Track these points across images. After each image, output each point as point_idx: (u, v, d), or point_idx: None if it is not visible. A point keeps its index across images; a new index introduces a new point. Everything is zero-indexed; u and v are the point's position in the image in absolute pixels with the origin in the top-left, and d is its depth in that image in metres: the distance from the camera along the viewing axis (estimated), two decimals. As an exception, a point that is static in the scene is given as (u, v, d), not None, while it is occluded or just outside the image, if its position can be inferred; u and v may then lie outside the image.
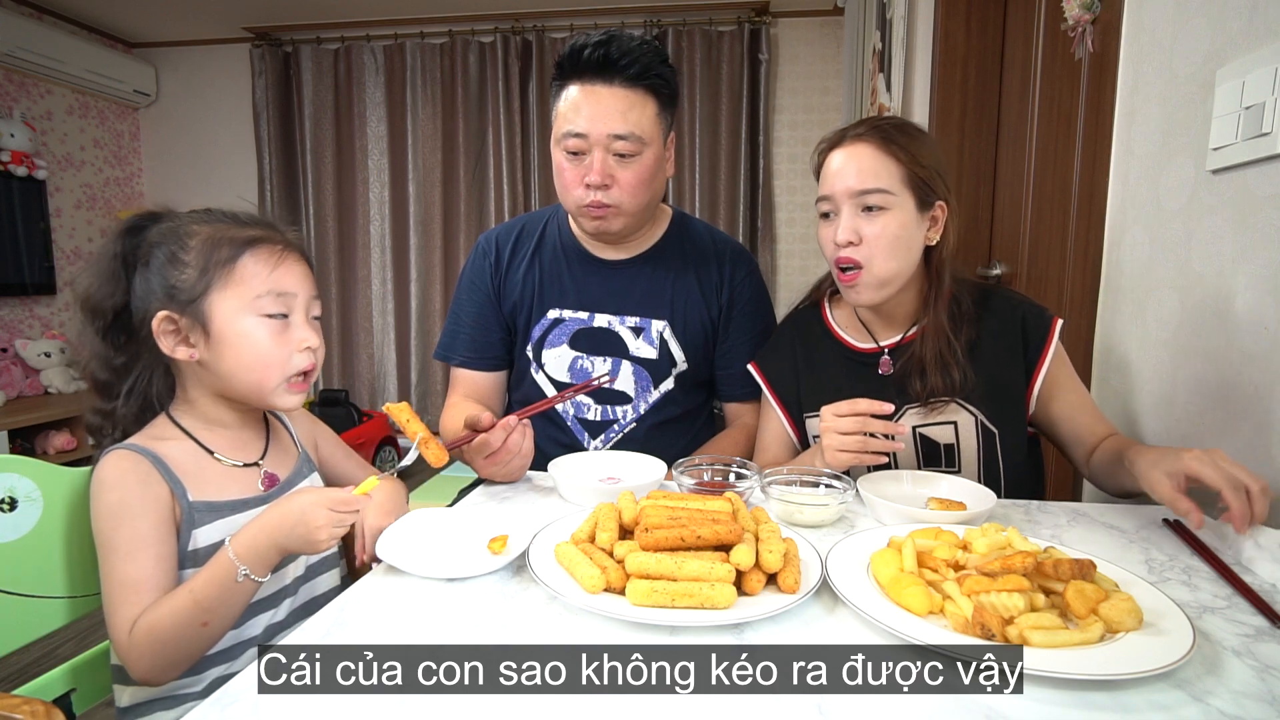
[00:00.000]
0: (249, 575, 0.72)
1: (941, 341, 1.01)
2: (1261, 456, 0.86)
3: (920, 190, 0.99)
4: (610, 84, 1.10)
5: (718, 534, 0.66)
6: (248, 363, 0.79)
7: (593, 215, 1.15)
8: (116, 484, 0.75)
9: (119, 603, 0.73)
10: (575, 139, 1.11)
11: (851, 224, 0.98)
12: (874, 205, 0.97)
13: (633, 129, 1.10)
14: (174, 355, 0.80)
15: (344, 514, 0.72)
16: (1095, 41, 1.30)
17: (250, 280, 0.79)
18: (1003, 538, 0.69)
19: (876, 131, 0.99)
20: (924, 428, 1.05)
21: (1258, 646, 0.57)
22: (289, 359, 0.81)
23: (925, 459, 1.06)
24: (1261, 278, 0.85)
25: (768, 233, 4.04)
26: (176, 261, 0.78)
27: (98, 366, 0.83)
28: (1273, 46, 0.83)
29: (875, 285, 0.99)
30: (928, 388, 1.01)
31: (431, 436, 0.87)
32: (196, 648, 0.74)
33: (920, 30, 2.20)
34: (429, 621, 0.62)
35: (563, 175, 1.15)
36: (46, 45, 3.67)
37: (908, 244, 0.99)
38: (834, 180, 1.00)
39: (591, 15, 3.96)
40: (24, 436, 3.33)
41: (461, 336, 1.31)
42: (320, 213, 4.31)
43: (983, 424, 1.03)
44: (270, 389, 0.81)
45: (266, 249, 0.81)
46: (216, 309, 0.78)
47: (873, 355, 1.09)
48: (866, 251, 0.98)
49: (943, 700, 0.50)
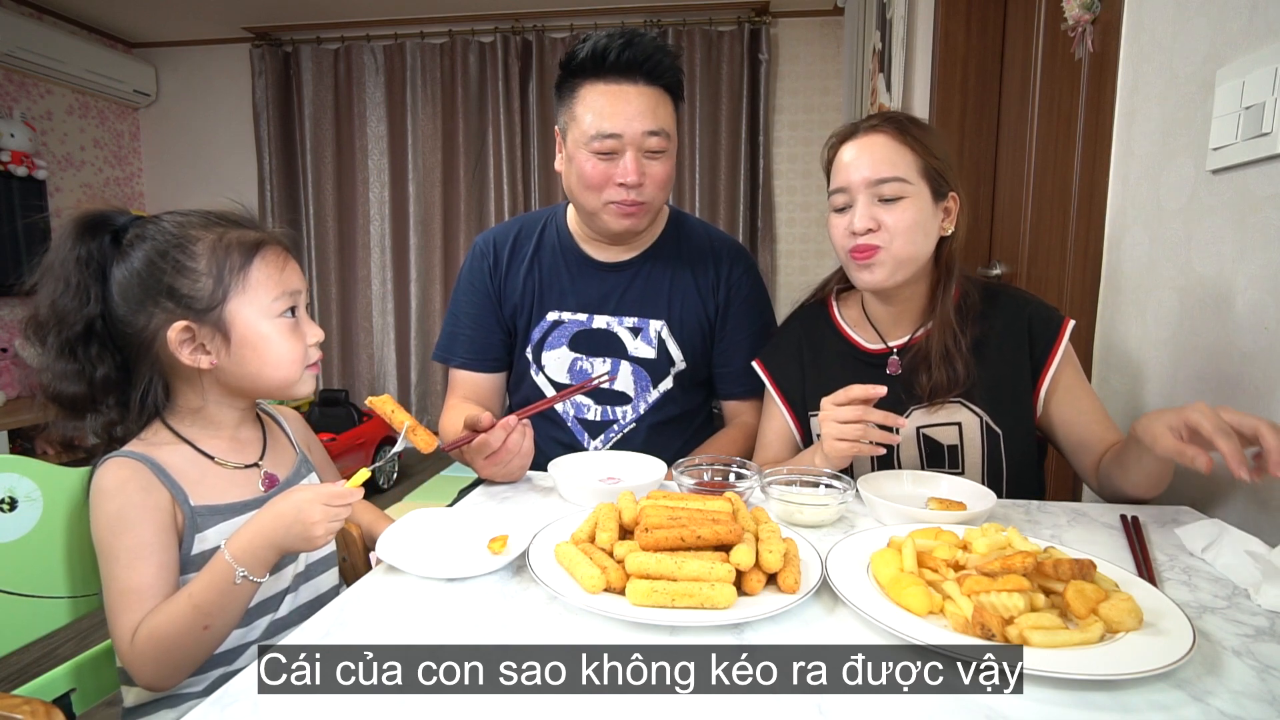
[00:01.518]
0: (247, 577, 0.72)
1: (948, 335, 1.00)
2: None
3: (935, 180, 0.98)
4: (636, 83, 1.10)
5: (718, 534, 0.66)
6: (273, 363, 0.82)
7: (625, 213, 1.15)
8: (116, 492, 0.75)
9: (121, 610, 0.73)
10: (610, 140, 1.10)
11: (869, 212, 0.97)
12: (890, 196, 0.97)
13: (663, 125, 1.11)
14: (195, 364, 0.79)
15: (338, 508, 0.73)
16: (1095, 41, 1.30)
17: (265, 284, 0.81)
18: (1003, 538, 0.68)
19: (891, 122, 0.99)
20: (928, 428, 1.04)
21: (1258, 646, 0.57)
22: (304, 353, 0.85)
23: (929, 460, 1.05)
24: (1261, 277, 0.85)
25: (768, 233, 4.04)
26: (185, 270, 0.77)
27: (64, 382, 0.78)
28: (1273, 46, 0.83)
29: (892, 265, 0.98)
30: (932, 382, 1.01)
31: (418, 424, 0.89)
32: (199, 652, 0.74)
33: (920, 30, 2.20)
34: (429, 621, 0.62)
35: (589, 175, 1.13)
36: (46, 45, 3.67)
37: (925, 230, 0.98)
38: (849, 171, 0.99)
39: (591, 15, 3.96)
40: (24, 436, 3.33)
41: (460, 338, 1.31)
42: (320, 213, 4.31)
43: (987, 425, 1.02)
44: (293, 382, 0.85)
45: (272, 251, 0.83)
46: (238, 316, 0.79)
47: (881, 356, 1.08)
48: (886, 236, 0.97)
49: (943, 700, 0.50)
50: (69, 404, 0.80)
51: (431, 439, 0.90)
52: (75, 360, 0.79)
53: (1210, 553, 0.75)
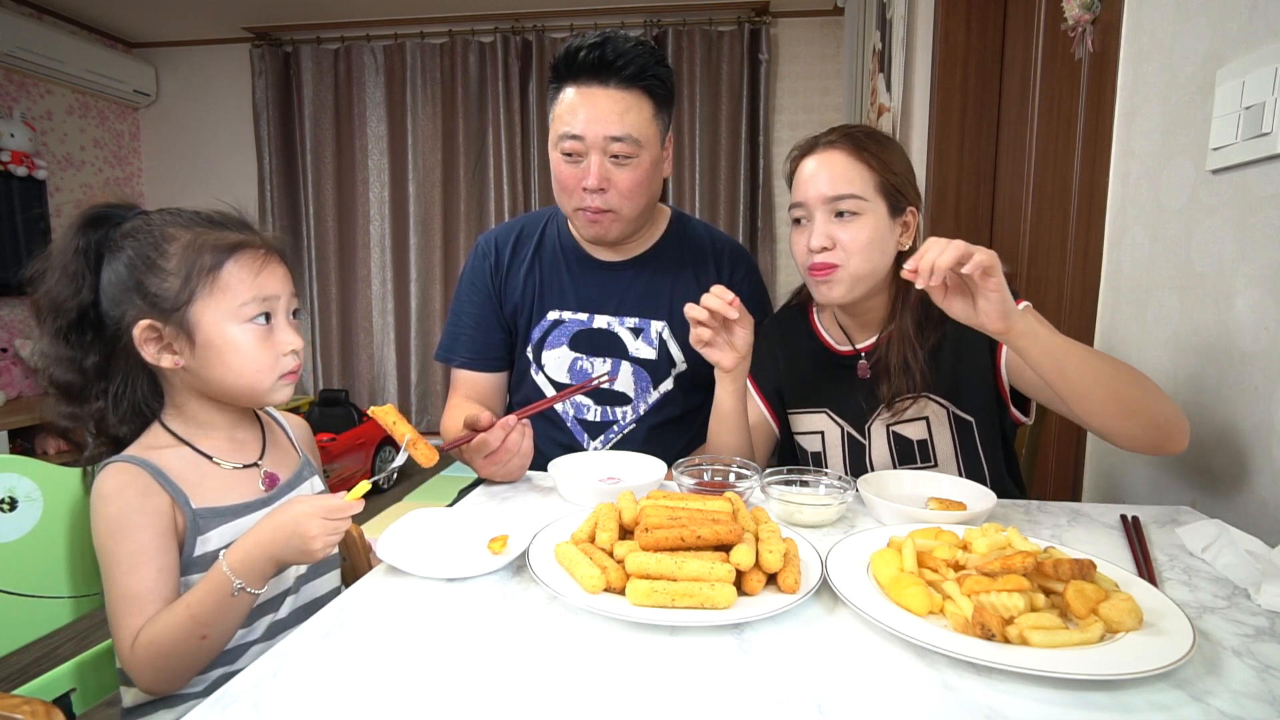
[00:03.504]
0: (245, 589, 0.72)
1: (906, 348, 1.02)
2: (1261, 456, 0.86)
3: (892, 196, 1.00)
4: (606, 86, 1.09)
5: (718, 534, 0.66)
6: (237, 369, 0.79)
7: (590, 220, 1.15)
8: (116, 497, 0.75)
9: (122, 615, 0.73)
10: (571, 141, 1.10)
11: (825, 229, 0.99)
12: (847, 211, 0.98)
13: (629, 131, 1.09)
14: (158, 364, 0.79)
15: (337, 522, 0.72)
16: (1095, 41, 1.30)
17: (235, 288, 0.78)
18: (1003, 538, 0.69)
19: (848, 139, 1.00)
20: (896, 425, 1.07)
21: (1258, 646, 0.57)
22: (276, 362, 0.82)
23: (900, 458, 1.07)
24: (1261, 277, 0.85)
25: (768, 233, 4.04)
26: (155, 268, 0.77)
27: (59, 368, 0.80)
28: (1273, 46, 0.83)
29: (849, 281, 0.99)
30: (893, 389, 1.02)
31: (420, 437, 0.87)
32: (197, 660, 0.74)
33: (920, 30, 2.20)
34: (429, 621, 0.62)
35: (561, 179, 1.14)
36: (46, 45, 3.67)
37: (881, 247, 1.00)
38: (807, 186, 1.01)
39: (591, 15, 3.96)
40: (24, 436, 3.33)
41: (462, 338, 1.31)
42: (320, 213, 4.31)
43: (955, 415, 1.04)
44: (263, 390, 0.82)
45: (249, 254, 0.80)
46: (202, 318, 0.77)
47: (850, 358, 1.11)
48: (841, 255, 0.99)
49: (943, 700, 0.50)
50: (64, 391, 0.81)
51: (432, 453, 0.88)
52: (69, 347, 0.79)
53: (1210, 553, 0.75)
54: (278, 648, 0.58)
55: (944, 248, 0.78)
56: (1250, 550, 0.72)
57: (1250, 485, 0.88)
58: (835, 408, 1.11)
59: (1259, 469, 0.87)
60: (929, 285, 0.79)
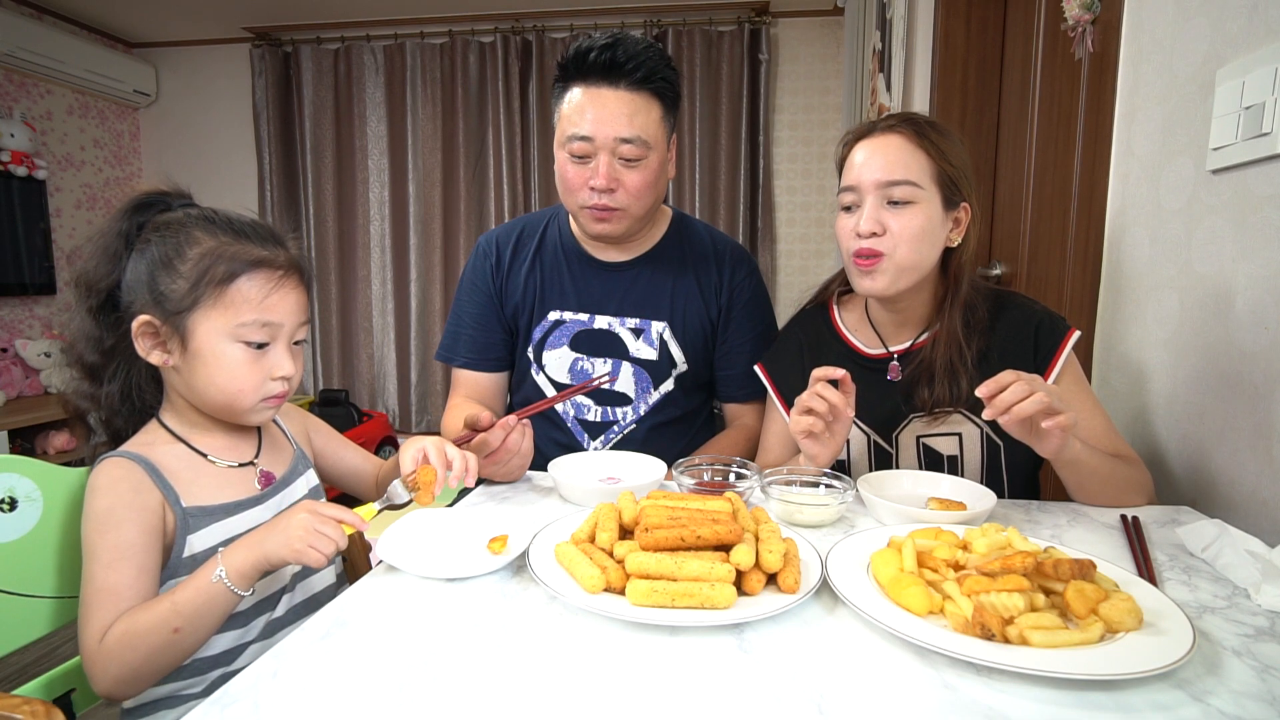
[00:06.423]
0: (223, 577, 0.71)
1: (954, 349, 0.98)
2: (1261, 456, 0.86)
3: (948, 189, 0.96)
4: (616, 87, 1.09)
5: (718, 534, 0.66)
6: (220, 384, 0.79)
7: (597, 218, 1.15)
8: (108, 490, 0.75)
9: (94, 608, 0.71)
10: (581, 142, 1.10)
11: (875, 214, 0.95)
12: (900, 199, 0.95)
13: (638, 133, 1.10)
14: (148, 358, 0.79)
15: (323, 519, 0.72)
16: (1095, 41, 1.30)
17: (239, 306, 0.78)
18: (1003, 538, 0.68)
19: (909, 124, 0.97)
20: (928, 438, 1.03)
21: (1258, 646, 0.57)
22: (261, 385, 0.81)
23: (928, 470, 1.04)
24: (1261, 277, 0.85)
25: (768, 233, 4.04)
26: (170, 268, 0.77)
27: (87, 348, 0.81)
28: (1273, 46, 0.83)
29: (894, 272, 0.96)
30: (934, 396, 0.99)
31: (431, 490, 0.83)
32: (164, 656, 0.71)
33: (920, 30, 2.20)
34: (429, 621, 0.62)
35: (566, 178, 1.14)
36: (46, 45, 3.67)
37: (931, 240, 0.96)
38: (860, 171, 0.97)
39: (591, 15, 3.96)
40: (24, 436, 3.33)
41: (463, 338, 1.31)
42: (320, 213, 4.30)
43: (988, 437, 1.01)
44: (242, 410, 0.81)
45: (264, 274, 0.79)
46: (199, 327, 0.77)
47: (881, 361, 1.07)
48: (890, 242, 0.95)
49: (943, 700, 0.50)
50: (88, 371, 0.82)
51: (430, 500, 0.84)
52: (97, 325, 0.81)
53: (1210, 553, 0.75)
54: (277, 648, 0.58)
55: (1026, 393, 0.79)
56: (1250, 550, 0.72)
57: (1250, 485, 0.88)
58: (862, 415, 1.05)
59: (1259, 469, 0.87)
60: (999, 419, 0.81)
